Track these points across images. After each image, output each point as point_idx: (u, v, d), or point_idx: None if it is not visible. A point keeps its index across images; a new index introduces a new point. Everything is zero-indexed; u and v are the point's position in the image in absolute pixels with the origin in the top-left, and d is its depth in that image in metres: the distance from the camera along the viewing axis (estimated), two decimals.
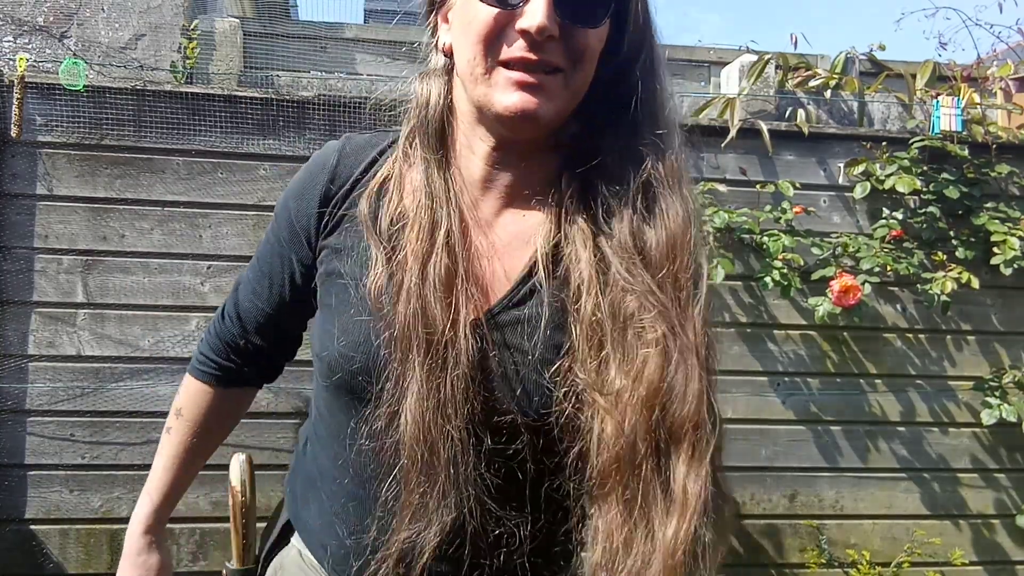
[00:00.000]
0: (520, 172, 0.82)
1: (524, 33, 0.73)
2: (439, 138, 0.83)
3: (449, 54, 0.83)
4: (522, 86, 0.75)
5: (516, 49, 0.74)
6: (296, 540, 0.96)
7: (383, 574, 0.77)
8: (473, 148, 0.82)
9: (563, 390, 0.76)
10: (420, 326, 0.76)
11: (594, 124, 0.81)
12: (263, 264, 0.95)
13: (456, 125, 0.84)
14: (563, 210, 0.80)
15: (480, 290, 0.80)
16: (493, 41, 0.75)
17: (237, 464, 1.08)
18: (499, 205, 0.83)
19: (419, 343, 0.76)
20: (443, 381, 0.75)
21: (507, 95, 0.75)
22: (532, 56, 0.74)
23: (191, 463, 1.07)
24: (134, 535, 1.07)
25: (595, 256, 0.77)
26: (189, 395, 1.04)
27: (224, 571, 1.08)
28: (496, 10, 0.74)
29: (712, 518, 0.74)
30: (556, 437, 0.76)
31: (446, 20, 0.83)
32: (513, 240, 0.82)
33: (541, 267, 0.79)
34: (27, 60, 2.39)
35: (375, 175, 0.85)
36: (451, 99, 0.84)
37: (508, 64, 0.75)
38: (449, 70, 0.84)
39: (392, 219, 0.82)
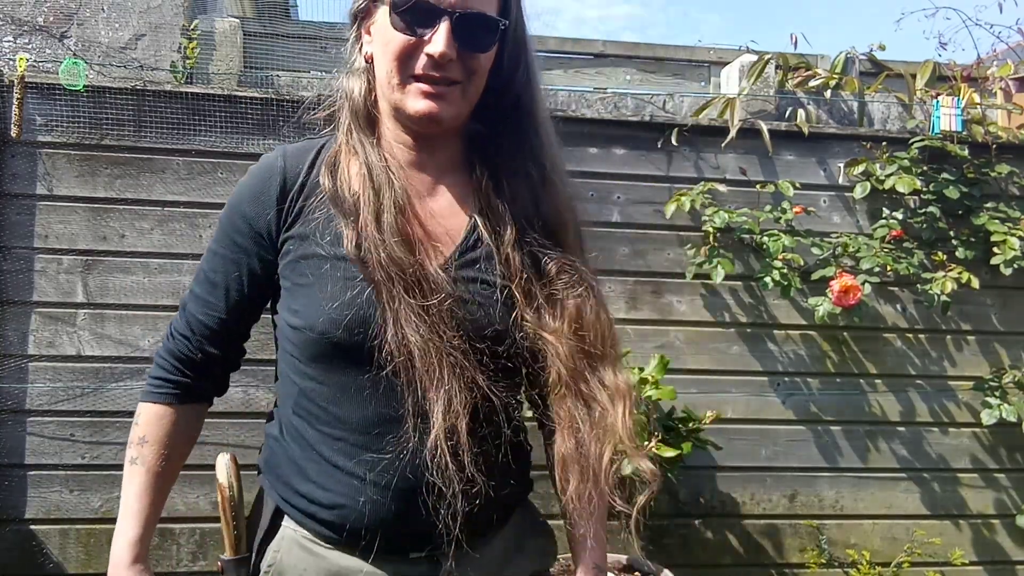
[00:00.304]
0: (436, 157, 1.05)
1: (430, 56, 0.96)
2: (370, 124, 1.05)
3: (369, 61, 1.04)
4: (427, 95, 0.97)
5: (424, 67, 0.97)
6: (287, 523, 1.04)
7: (440, 450, 0.93)
8: (398, 139, 1.04)
9: (519, 333, 1.00)
10: (392, 267, 0.95)
11: (490, 121, 1.05)
12: (214, 275, 1.07)
13: (381, 118, 1.05)
14: (481, 190, 1.03)
15: (435, 243, 1.01)
16: (406, 60, 0.97)
17: (223, 463, 1.13)
18: (428, 181, 1.05)
19: (397, 281, 0.95)
20: (429, 307, 0.94)
21: (416, 102, 0.98)
22: (436, 74, 0.97)
23: (161, 489, 1.11)
24: (121, 566, 1.07)
25: (514, 229, 1.01)
26: (150, 420, 1.10)
27: (219, 564, 1.11)
28: (408, 36, 0.96)
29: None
30: (527, 353, 1.00)
31: (368, 32, 1.04)
32: (447, 207, 1.04)
33: (481, 227, 1.02)
34: (27, 60, 2.39)
35: (320, 167, 1.04)
36: (375, 95, 1.04)
37: (418, 78, 0.97)
38: (369, 70, 1.05)
39: (346, 193, 1.00)
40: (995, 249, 2.62)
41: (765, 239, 2.57)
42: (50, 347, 2.39)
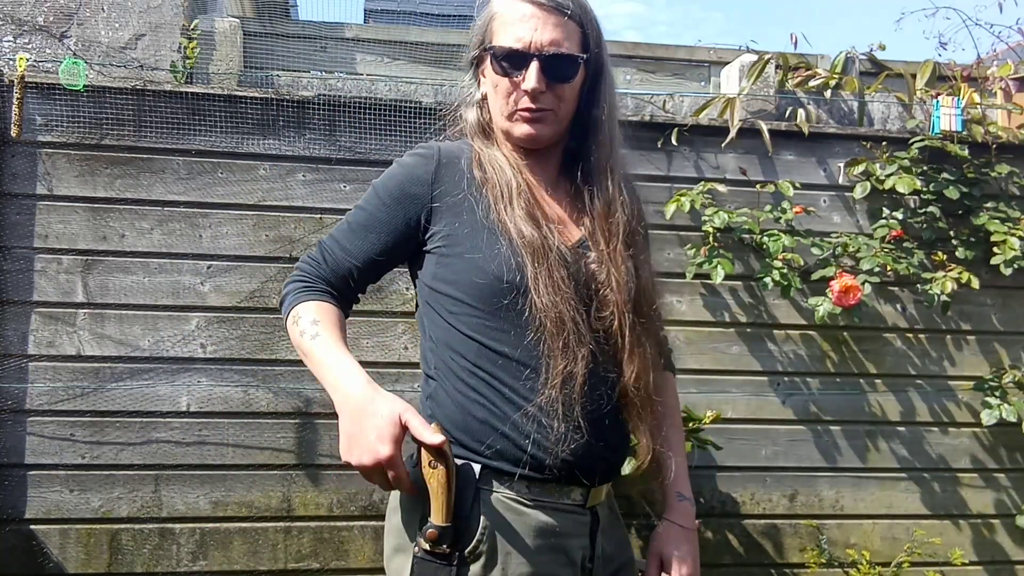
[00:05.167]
0: (543, 165, 1.33)
1: (526, 92, 1.24)
2: (487, 138, 1.33)
3: (484, 97, 1.34)
4: (528, 121, 1.27)
5: (524, 100, 1.25)
6: (494, 486, 1.19)
7: (558, 389, 1.16)
8: (513, 151, 1.31)
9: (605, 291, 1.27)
10: (523, 240, 1.20)
11: (580, 135, 1.33)
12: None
13: (496, 136, 1.33)
14: (581, 195, 1.31)
15: (562, 228, 1.28)
16: (509, 96, 1.27)
17: (447, 442, 1.13)
18: (536, 182, 1.31)
19: (530, 251, 1.19)
20: (552, 271, 1.19)
21: (521, 127, 1.27)
22: (532, 106, 1.25)
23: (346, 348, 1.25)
24: (372, 394, 1.14)
25: (605, 230, 1.29)
26: (315, 309, 1.26)
27: (432, 532, 1.12)
28: (508, 78, 1.25)
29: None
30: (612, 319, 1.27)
31: (483, 75, 1.32)
32: (559, 201, 1.32)
33: (588, 232, 1.29)
34: (27, 60, 2.39)
35: (473, 158, 1.31)
36: (489, 118, 1.33)
37: (520, 111, 1.26)
38: (483, 104, 1.35)
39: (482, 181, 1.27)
40: (995, 249, 2.62)
41: (765, 239, 2.57)
42: (50, 347, 2.39)
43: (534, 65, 1.22)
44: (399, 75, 2.86)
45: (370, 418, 1.10)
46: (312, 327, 1.21)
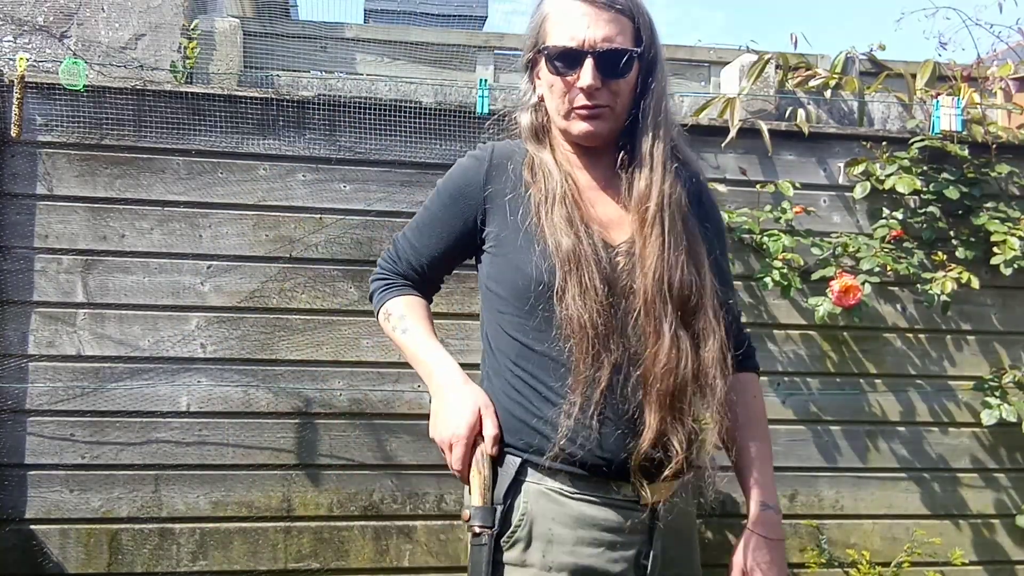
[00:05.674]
0: (598, 163, 1.33)
1: (581, 89, 1.24)
2: (540, 141, 1.34)
3: (540, 99, 1.34)
4: (586, 119, 1.27)
5: (579, 98, 1.26)
6: (530, 476, 1.23)
7: (581, 393, 1.18)
8: (568, 150, 1.33)
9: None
10: (558, 249, 1.21)
11: (635, 132, 1.30)
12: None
13: (553, 136, 1.34)
14: (632, 189, 1.28)
15: (604, 228, 1.27)
16: (565, 95, 1.27)
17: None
18: (594, 181, 1.32)
19: (561, 259, 1.20)
20: (583, 278, 1.19)
21: (578, 125, 1.28)
22: (589, 103, 1.25)
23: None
24: (461, 382, 1.29)
25: (640, 219, 1.26)
26: (403, 304, 1.40)
27: (467, 512, 1.23)
28: (562, 77, 1.26)
29: (729, 343, 1.30)
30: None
31: (538, 77, 1.33)
32: (613, 200, 1.31)
33: (633, 233, 1.27)
34: (27, 60, 2.39)
35: (524, 161, 1.34)
36: (546, 120, 1.34)
37: (577, 110, 1.26)
38: (539, 106, 1.35)
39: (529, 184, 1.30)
40: (995, 249, 2.62)
41: (765, 239, 2.57)
42: (50, 347, 2.39)
43: (588, 62, 1.22)
44: (399, 75, 2.86)
45: (453, 405, 1.26)
46: (402, 322, 1.37)
